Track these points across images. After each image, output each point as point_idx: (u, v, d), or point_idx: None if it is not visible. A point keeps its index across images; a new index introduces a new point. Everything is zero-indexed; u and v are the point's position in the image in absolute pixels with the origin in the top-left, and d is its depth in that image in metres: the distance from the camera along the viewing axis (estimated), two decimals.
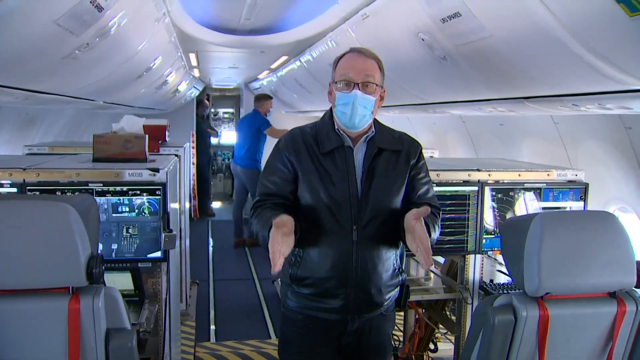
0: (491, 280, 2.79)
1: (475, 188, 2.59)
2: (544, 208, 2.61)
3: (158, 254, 2.24)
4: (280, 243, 1.54)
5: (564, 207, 2.63)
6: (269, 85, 6.85)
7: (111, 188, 2.20)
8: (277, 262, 1.52)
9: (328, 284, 1.81)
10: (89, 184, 2.19)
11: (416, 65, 2.53)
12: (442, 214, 2.02)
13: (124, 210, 2.21)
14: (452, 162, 3.09)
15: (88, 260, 1.41)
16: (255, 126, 6.15)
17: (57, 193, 2.14)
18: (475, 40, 1.87)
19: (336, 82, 1.82)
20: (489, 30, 1.75)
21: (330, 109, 1.91)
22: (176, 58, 4.00)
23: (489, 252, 2.66)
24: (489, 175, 2.62)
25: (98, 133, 2.56)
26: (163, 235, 2.20)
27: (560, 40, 1.51)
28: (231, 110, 10.65)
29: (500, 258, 2.70)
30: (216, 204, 9.41)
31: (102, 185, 2.20)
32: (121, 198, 2.21)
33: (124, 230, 2.21)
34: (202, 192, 8.36)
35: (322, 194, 1.78)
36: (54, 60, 2.03)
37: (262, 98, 6.34)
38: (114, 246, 2.21)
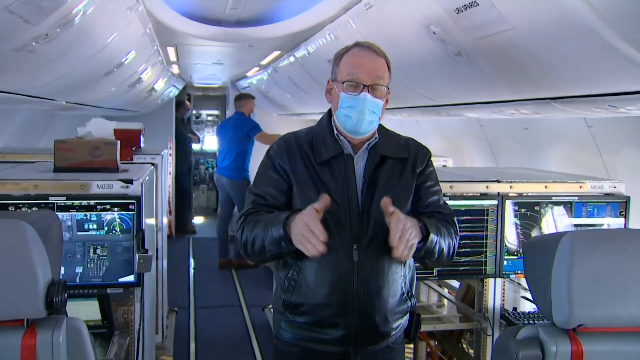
0: (514, 309, 2.77)
1: (495, 202, 2.58)
2: (576, 225, 2.61)
3: (131, 278, 2.23)
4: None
5: (601, 225, 2.62)
6: (258, 84, 6.87)
7: (76, 202, 2.18)
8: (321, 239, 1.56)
9: (326, 311, 1.80)
10: (50, 198, 2.17)
11: (426, 62, 2.53)
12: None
13: (91, 227, 2.19)
14: (468, 172, 3.09)
15: (48, 286, 1.38)
16: (243, 131, 6.14)
17: (10, 209, 2.13)
18: (495, 34, 1.87)
19: (340, 81, 1.82)
20: (510, 22, 1.75)
21: (329, 111, 1.91)
22: (152, 52, 4.00)
23: (511, 276, 2.65)
24: (510, 187, 2.62)
25: (60, 138, 2.54)
26: (137, 256, 2.19)
27: (594, 31, 1.51)
28: (216, 112, 10.67)
29: (524, 282, 2.68)
30: (198, 220, 9.39)
31: (65, 198, 2.18)
32: (88, 214, 2.19)
33: (91, 250, 2.19)
34: (182, 206, 8.35)
35: None
36: (6, 53, 2.01)
37: (244, 97, 6.36)
38: (79, 269, 2.19)
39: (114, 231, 2.21)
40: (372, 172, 1.82)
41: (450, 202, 2.04)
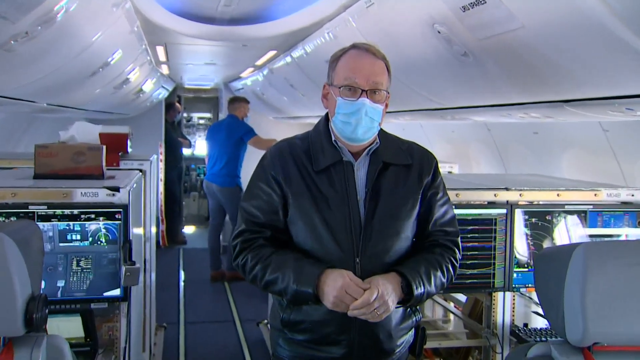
0: (525, 325, 2.76)
1: (504, 211, 2.57)
2: (590, 236, 2.60)
3: (117, 292, 2.21)
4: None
5: (618, 235, 2.61)
6: (253, 86, 6.88)
7: (58, 211, 2.17)
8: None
9: (327, 328, 1.80)
10: (30, 207, 2.16)
11: (431, 62, 2.53)
12: (463, 242, 2.01)
13: (74, 238, 2.18)
14: (475, 179, 3.08)
15: (27, 302, 1.37)
16: (236, 135, 6.14)
17: None
18: (503, 33, 1.87)
19: (337, 86, 1.81)
20: (519, 20, 1.75)
21: (326, 116, 1.91)
22: (140, 52, 4.00)
23: (521, 289, 2.64)
24: (520, 195, 2.61)
25: (41, 143, 2.53)
26: (123, 268, 2.18)
27: (609, 29, 1.51)
28: (208, 115, 10.68)
29: (536, 297, 2.67)
30: (189, 229, 9.37)
31: (46, 207, 2.17)
32: (71, 223, 2.18)
33: (74, 263, 2.18)
34: (172, 215, 8.34)
35: (317, 220, 1.78)
36: None
37: (239, 100, 6.37)
38: (61, 283, 2.18)
39: (98, 242, 2.20)
40: (374, 181, 1.81)
41: (456, 211, 2.03)
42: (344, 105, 1.79)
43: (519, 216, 2.58)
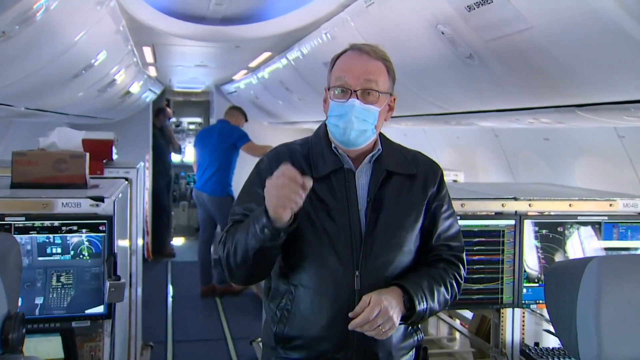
0: (536, 344, 2.75)
1: (512, 222, 2.57)
2: (606, 249, 2.60)
3: (100, 309, 2.21)
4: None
5: (635, 249, 2.61)
6: (247, 89, 6.89)
7: (37, 223, 2.17)
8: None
9: (324, 345, 1.80)
10: (6, 218, 2.16)
11: (434, 65, 2.54)
12: (469, 254, 2.01)
13: (54, 252, 2.18)
14: (482, 188, 3.08)
15: (3, 321, 1.37)
16: (229, 140, 6.14)
17: None
18: (511, 34, 1.88)
19: (330, 88, 1.83)
20: (528, 20, 1.76)
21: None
22: (126, 53, 4.01)
23: (531, 306, 2.64)
24: (529, 205, 2.61)
25: (19, 150, 2.53)
26: (107, 284, 2.17)
27: (624, 30, 1.51)
28: (198, 119, 10.70)
29: (547, 314, 2.67)
30: (178, 241, 9.36)
31: (24, 219, 2.16)
32: (51, 236, 2.17)
33: (54, 278, 2.17)
34: (160, 226, 8.33)
35: (316, 230, 1.78)
36: None
37: (238, 110, 6.42)
38: (39, 300, 2.17)
39: (81, 256, 2.19)
40: (377, 190, 1.82)
41: (461, 222, 2.03)
42: (335, 107, 1.80)
43: (528, 228, 2.58)
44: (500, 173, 4.43)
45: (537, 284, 2.59)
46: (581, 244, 2.59)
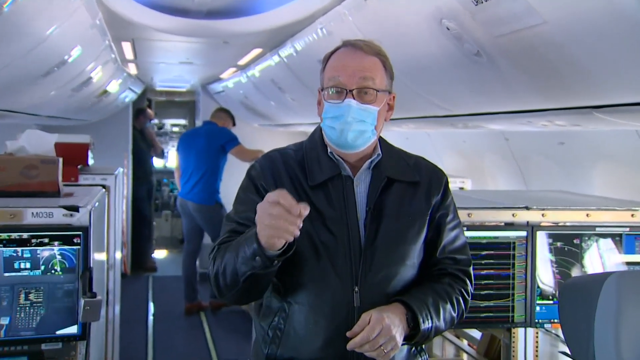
0: None
1: (524, 233, 2.58)
2: (628, 263, 2.60)
3: (73, 329, 2.19)
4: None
5: None
6: (235, 89, 6.89)
7: (4, 235, 2.15)
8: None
9: None
10: None
11: (438, 63, 2.55)
12: (477, 269, 2.00)
13: (23, 266, 2.16)
14: (491, 196, 3.09)
15: None
16: (217, 143, 6.15)
17: None
18: (522, 29, 1.88)
19: (324, 89, 1.83)
20: (540, 15, 1.76)
21: None
22: (103, 48, 4.01)
23: (545, 325, 2.64)
24: (542, 215, 2.62)
25: None
26: (82, 301, 2.15)
27: None
28: (182, 121, 10.71)
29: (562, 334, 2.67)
30: (160, 254, 9.36)
31: None
32: (19, 249, 2.16)
33: (22, 296, 2.15)
34: (141, 238, 8.33)
35: (312, 242, 1.78)
36: None
37: (226, 113, 6.46)
38: (5, 321, 2.14)
39: (52, 271, 2.17)
40: (377, 198, 1.82)
41: (468, 234, 2.03)
42: (330, 109, 1.80)
43: (541, 240, 2.58)
44: (510, 180, 4.44)
45: (551, 302, 2.59)
46: (600, 258, 2.59)
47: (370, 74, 1.78)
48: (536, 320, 2.59)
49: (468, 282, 1.91)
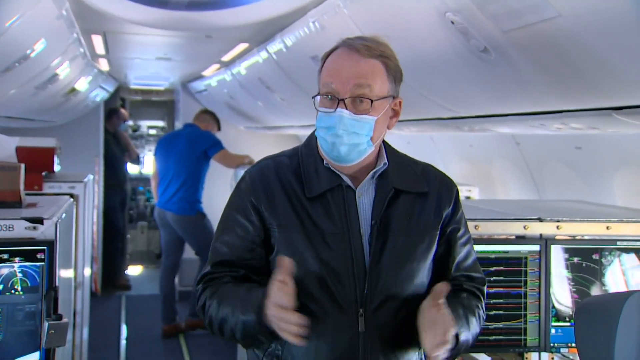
0: None
1: (537, 247, 2.58)
2: None
3: (35, 356, 2.17)
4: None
5: None
6: (219, 87, 6.90)
7: None
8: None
9: None
10: None
11: (443, 60, 2.56)
12: (486, 288, 2.02)
13: None
14: (500, 206, 3.09)
15: None
16: (199, 148, 6.14)
17: None
18: (534, 23, 1.89)
19: (320, 95, 1.82)
20: (554, 8, 1.77)
21: None
22: (70, 42, 4.00)
23: (562, 350, 2.64)
24: (557, 227, 2.62)
25: None
26: (46, 324, 2.13)
27: None
28: (160, 123, 10.70)
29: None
30: (134, 270, 9.35)
31: None
32: None
33: None
34: (113, 252, 8.32)
35: (311, 260, 1.78)
36: None
37: (209, 115, 6.47)
38: None
39: (12, 290, 2.15)
40: (383, 212, 1.82)
41: (475, 247, 2.03)
42: (322, 118, 1.80)
43: (556, 255, 2.58)
44: (522, 188, 4.45)
45: (567, 323, 2.59)
46: (622, 275, 2.59)
47: (366, 80, 1.76)
48: (551, 344, 2.60)
49: (483, 300, 1.93)
